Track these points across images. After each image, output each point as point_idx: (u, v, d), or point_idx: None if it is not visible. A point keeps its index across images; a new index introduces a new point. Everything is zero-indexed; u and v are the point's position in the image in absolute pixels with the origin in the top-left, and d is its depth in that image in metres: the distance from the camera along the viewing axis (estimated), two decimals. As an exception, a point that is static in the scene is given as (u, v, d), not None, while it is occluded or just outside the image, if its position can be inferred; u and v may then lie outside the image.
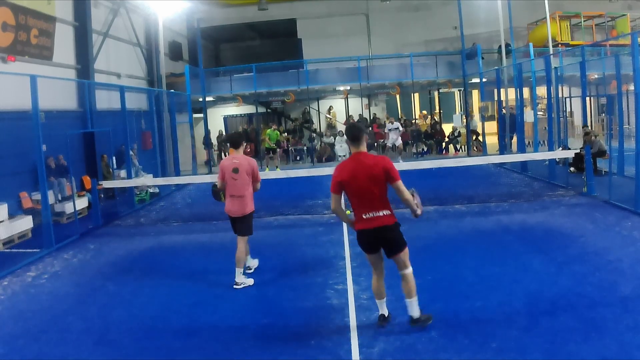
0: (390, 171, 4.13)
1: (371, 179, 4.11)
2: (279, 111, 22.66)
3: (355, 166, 4.16)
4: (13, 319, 5.28)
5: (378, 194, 4.14)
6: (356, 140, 4.23)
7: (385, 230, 4.18)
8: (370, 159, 4.19)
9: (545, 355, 3.76)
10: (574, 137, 17.09)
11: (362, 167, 4.13)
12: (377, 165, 4.13)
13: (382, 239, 4.22)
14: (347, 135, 4.30)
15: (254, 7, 21.71)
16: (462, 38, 19.17)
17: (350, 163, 4.22)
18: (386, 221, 4.17)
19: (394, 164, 4.35)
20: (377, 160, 4.19)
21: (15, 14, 10.54)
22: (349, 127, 4.41)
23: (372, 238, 4.21)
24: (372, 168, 4.12)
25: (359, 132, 4.26)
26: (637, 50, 7.86)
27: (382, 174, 4.12)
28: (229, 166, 5.80)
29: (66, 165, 10.86)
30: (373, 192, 4.12)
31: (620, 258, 5.79)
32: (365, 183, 4.12)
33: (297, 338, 4.37)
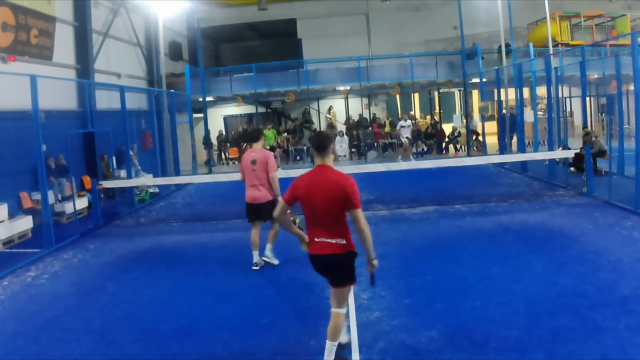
0: (350, 195, 3.51)
1: (328, 198, 3.55)
2: (279, 111, 22.67)
3: (314, 181, 3.62)
4: (13, 319, 5.28)
5: (334, 217, 3.60)
6: (321, 149, 3.65)
7: (334, 259, 3.65)
8: (334, 175, 3.60)
9: (545, 355, 3.76)
10: (574, 137, 17.09)
11: (321, 183, 3.58)
12: (337, 185, 3.54)
13: (330, 268, 3.73)
14: (312, 144, 3.75)
15: (254, 7, 21.71)
16: (462, 38, 19.17)
17: (310, 176, 3.68)
18: (337, 249, 3.64)
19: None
20: (339, 179, 3.57)
21: (15, 14, 10.54)
22: (314, 135, 3.84)
23: (320, 266, 3.74)
24: (331, 186, 3.54)
25: (325, 140, 3.68)
26: (637, 50, 7.85)
27: (340, 195, 3.53)
28: (247, 159, 6.36)
29: (66, 165, 10.87)
30: (329, 213, 3.58)
31: (620, 258, 5.79)
32: (321, 202, 3.57)
33: (296, 338, 4.37)
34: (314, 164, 3.78)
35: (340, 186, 3.54)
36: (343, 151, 19.29)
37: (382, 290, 5.33)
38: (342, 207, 3.56)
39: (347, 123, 20.99)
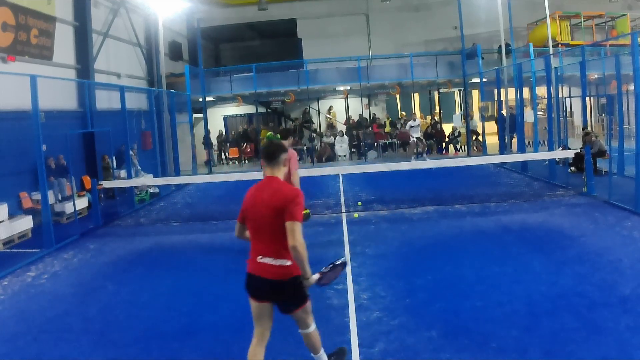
0: (289, 205, 3.15)
1: (271, 210, 3.20)
2: (279, 111, 22.67)
3: (259, 193, 3.31)
4: (13, 319, 5.28)
5: (276, 234, 3.20)
6: (270, 159, 3.35)
7: (277, 286, 3.26)
8: (281, 186, 3.28)
9: (545, 355, 3.76)
10: (574, 137, 17.10)
11: (265, 195, 3.26)
12: (281, 195, 3.21)
13: (271, 296, 3.32)
14: (262, 154, 3.49)
15: (254, 7, 21.72)
16: (462, 38, 19.17)
17: (256, 188, 3.38)
18: (280, 274, 3.23)
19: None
20: (284, 190, 3.25)
21: (15, 14, 10.54)
22: (265, 144, 3.59)
23: (259, 290, 3.31)
24: (274, 197, 3.21)
25: (275, 150, 3.37)
26: (637, 50, 7.86)
27: (282, 206, 3.16)
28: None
29: (66, 165, 10.87)
30: (272, 228, 3.21)
31: (620, 258, 5.79)
32: (264, 215, 3.23)
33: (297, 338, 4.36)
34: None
35: (284, 196, 3.20)
36: (343, 151, 19.30)
37: (382, 290, 5.34)
38: (283, 221, 3.17)
39: (347, 123, 20.99)
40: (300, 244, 3.11)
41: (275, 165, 3.36)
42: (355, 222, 8.66)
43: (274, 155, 3.36)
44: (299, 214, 3.19)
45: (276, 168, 3.36)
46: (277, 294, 3.29)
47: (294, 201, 3.19)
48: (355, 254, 6.75)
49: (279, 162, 3.36)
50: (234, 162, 20.63)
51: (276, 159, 3.35)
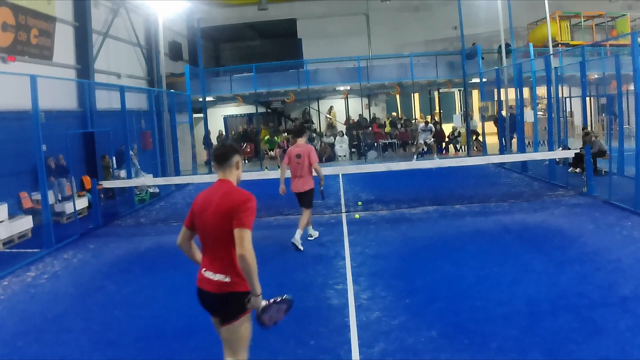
0: (238, 210, 2.85)
1: (217, 216, 2.91)
2: (279, 111, 22.68)
3: (208, 198, 3.03)
4: (13, 319, 5.28)
5: (222, 242, 2.91)
6: (221, 161, 3.07)
7: (217, 300, 2.95)
8: (231, 190, 2.99)
9: (545, 355, 3.76)
10: (574, 137, 17.09)
11: (214, 199, 2.97)
12: (229, 199, 2.91)
13: (212, 308, 3.04)
14: (212, 155, 3.17)
15: (254, 7, 21.72)
16: (462, 38, 19.17)
17: (206, 192, 3.11)
18: (217, 289, 2.92)
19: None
20: (233, 193, 2.95)
21: (15, 14, 10.54)
22: (216, 146, 3.27)
23: (204, 301, 3.03)
24: (222, 201, 2.93)
25: (227, 152, 3.10)
26: (637, 50, 7.85)
27: (230, 212, 2.86)
28: (293, 153, 7.16)
29: (66, 165, 10.87)
30: (216, 236, 2.93)
31: (620, 258, 5.79)
32: (210, 221, 2.95)
33: (297, 338, 4.37)
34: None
35: (232, 200, 2.90)
36: (343, 151, 19.30)
37: (382, 290, 5.34)
38: (230, 228, 2.86)
39: (347, 123, 21.00)
40: (249, 253, 2.80)
41: (227, 167, 3.09)
42: (355, 222, 8.67)
43: (226, 157, 3.09)
44: (249, 220, 2.88)
45: (228, 171, 3.10)
46: (218, 308, 2.99)
47: (244, 206, 2.88)
48: (355, 254, 6.75)
49: (231, 165, 3.10)
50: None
51: (227, 161, 3.09)
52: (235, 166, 3.12)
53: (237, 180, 3.15)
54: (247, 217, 2.88)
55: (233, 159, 3.10)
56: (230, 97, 20.02)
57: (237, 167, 3.14)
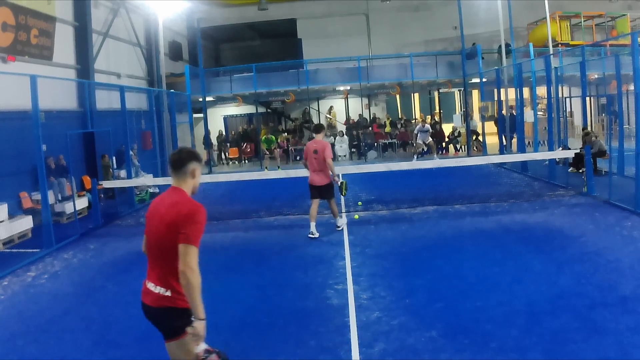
0: (184, 224, 2.64)
1: (162, 226, 2.74)
2: (279, 111, 22.68)
3: (157, 206, 2.87)
4: (13, 319, 5.28)
5: (164, 254, 2.72)
6: (176, 168, 2.86)
7: (155, 314, 2.80)
8: (180, 199, 2.79)
9: (545, 355, 3.76)
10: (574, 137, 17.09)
11: (161, 208, 2.80)
12: (175, 210, 2.72)
13: (152, 322, 2.87)
14: (168, 160, 2.97)
15: (254, 7, 21.72)
16: (462, 38, 19.18)
17: (157, 199, 2.95)
18: (156, 302, 2.76)
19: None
20: (180, 203, 2.75)
21: (15, 14, 10.54)
22: (173, 152, 3.00)
23: (146, 315, 2.90)
24: (168, 211, 2.74)
25: (183, 157, 2.87)
26: (637, 50, 7.85)
27: (174, 224, 2.67)
28: (310, 149, 7.60)
29: (66, 165, 10.86)
30: (159, 247, 2.76)
31: (620, 258, 5.79)
32: (155, 230, 2.80)
33: (297, 338, 4.37)
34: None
35: (179, 211, 2.69)
36: (343, 151, 19.29)
37: (382, 290, 5.34)
38: (174, 241, 2.66)
39: (347, 123, 20.99)
40: (191, 271, 2.57)
41: (181, 175, 2.86)
42: (355, 222, 8.66)
43: (181, 163, 2.86)
44: (196, 236, 2.65)
45: (182, 179, 2.86)
46: (157, 323, 2.82)
47: (191, 219, 2.66)
48: (355, 254, 6.75)
49: (186, 172, 2.86)
50: (233, 162, 20.64)
51: (182, 168, 2.85)
52: (191, 174, 2.88)
53: (192, 190, 2.92)
54: (193, 232, 2.65)
55: (189, 166, 2.86)
56: (230, 97, 20.03)
57: (193, 176, 2.89)
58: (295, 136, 20.97)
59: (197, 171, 2.92)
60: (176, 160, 2.87)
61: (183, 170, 2.86)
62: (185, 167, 2.86)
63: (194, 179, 2.91)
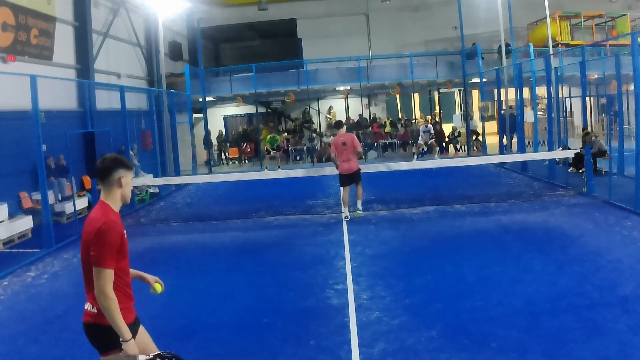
0: (93, 242, 2.49)
1: (83, 244, 2.61)
2: (279, 111, 22.68)
3: (86, 222, 2.66)
4: (13, 319, 5.28)
5: (88, 272, 2.60)
6: (101, 177, 2.66)
7: (85, 331, 2.69)
8: (96, 214, 2.60)
9: (545, 355, 3.76)
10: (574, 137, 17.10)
11: (86, 225, 2.63)
12: (89, 227, 2.57)
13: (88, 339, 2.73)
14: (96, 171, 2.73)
15: (254, 7, 21.72)
16: (462, 38, 19.17)
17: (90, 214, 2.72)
18: (87, 318, 2.68)
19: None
20: (93, 219, 2.57)
21: (15, 14, 10.53)
22: (98, 162, 2.72)
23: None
24: (85, 227, 2.61)
25: (105, 166, 2.65)
26: (637, 50, 7.85)
27: (86, 241, 2.56)
28: (339, 142, 8.69)
29: (66, 165, 10.87)
30: (84, 265, 2.64)
31: (620, 258, 5.79)
32: (82, 249, 2.64)
33: (296, 338, 4.37)
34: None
35: (90, 230, 2.54)
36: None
37: (382, 290, 5.34)
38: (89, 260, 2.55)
39: (347, 123, 20.98)
40: (104, 296, 2.45)
41: (107, 185, 2.64)
42: (355, 222, 8.67)
43: (105, 172, 2.63)
44: (104, 256, 2.47)
45: (108, 189, 2.64)
46: (88, 340, 2.69)
47: (100, 238, 2.47)
48: (355, 254, 6.75)
49: (112, 182, 2.63)
50: (233, 162, 20.64)
51: (107, 178, 2.64)
52: (117, 183, 2.64)
53: (122, 200, 2.70)
54: (102, 252, 2.46)
55: (114, 175, 2.63)
56: (230, 97, 20.03)
57: (120, 185, 2.65)
58: (295, 136, 20.97)
59: (124, 179, 2.67)
60: (99, 170, 2.65)
61: (108, 180, 2.64)
62: (110, 177, 2.63)
63: (121, 187, 2.67)
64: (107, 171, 2.63)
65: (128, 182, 2.72)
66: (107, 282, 2.49)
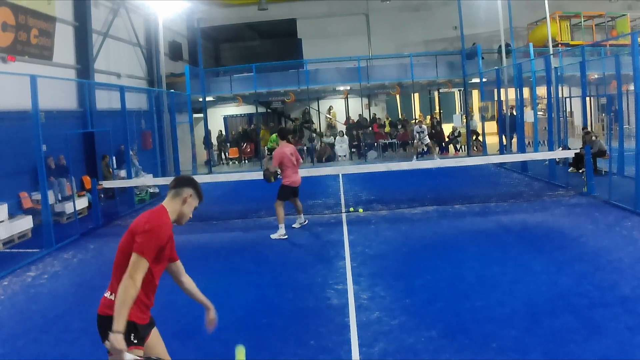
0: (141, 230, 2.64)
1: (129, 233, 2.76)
2: (279, 111, 22.67)
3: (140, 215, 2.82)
4: (13, 319, 5.28)
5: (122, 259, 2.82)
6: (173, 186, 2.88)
7: (101, 322, 2.79)
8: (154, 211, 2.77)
9: (545, 355, 3.76)
10: (574, 137, 17.10)
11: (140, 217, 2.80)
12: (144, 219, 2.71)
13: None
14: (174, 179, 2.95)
15: (254, 7, 21.71)
16: (462, 38, 19.17)
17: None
18: (105, 310, 2.83)
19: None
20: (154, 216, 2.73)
21: (15, 14, 10.53)
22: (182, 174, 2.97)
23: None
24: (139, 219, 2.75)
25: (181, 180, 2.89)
26: (637, 50, 7.85)
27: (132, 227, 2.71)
28: (287, 153, 7.99)
29: (66, 165, 10.87)
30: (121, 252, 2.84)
31: (620, 258, 5.79)
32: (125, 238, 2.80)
33: (297, 338, 4.37)
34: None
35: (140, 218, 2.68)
36: (343, 151, 19.29)
37: (382, 290, 5.34)
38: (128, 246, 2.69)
39: (347, 123, 20.99)
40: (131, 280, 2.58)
41: (175, 195, 2.83)
42: (355, 222, 8.67)
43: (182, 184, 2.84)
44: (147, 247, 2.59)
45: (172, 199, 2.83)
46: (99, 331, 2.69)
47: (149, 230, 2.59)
48: (355, 254, 6.75)
49: (180, 194, 2.84)
50: (233, 162, 20.63)
51: (179, 189, 2.84)
52: (183, 199, 2.81)
53: (178, 215, 2.84)
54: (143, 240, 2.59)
55: (185, 190, 2.82)
56: (230, 97, 20.02)
57: (184, 202, 2.82)
58: (295, 136, 20.96)
59: (190, 199, 2.84)
60: (179, 180, 2.86)
61: (178, 191, 2.81)
62: (182, 190, 2.81)
63: (184, 205, 2.81)
64: (183, 184, 2.81)
65: (192, 205, 2.86)
66: (140, 270, 2.57)
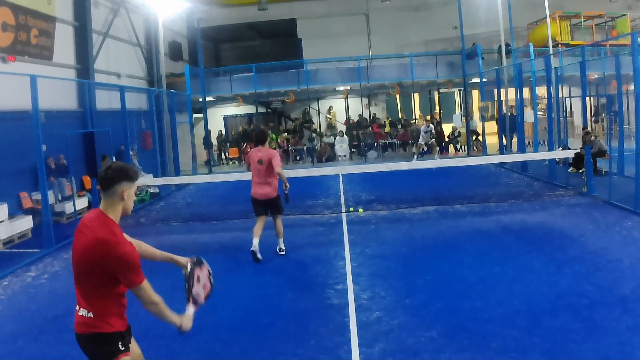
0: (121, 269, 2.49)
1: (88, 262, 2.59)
2: (279, 111, 22.68)
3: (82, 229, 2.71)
4: (13, 319, 5.28)
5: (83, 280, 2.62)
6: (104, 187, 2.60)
7: (81, 340, 2.75)
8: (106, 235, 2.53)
9: (545, 355, 3.76)
10: (574, 137, 17.10)
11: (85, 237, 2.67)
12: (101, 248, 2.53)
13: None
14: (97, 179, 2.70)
15: (254, 7, 21.72)
16: (462, 38, 19.17)
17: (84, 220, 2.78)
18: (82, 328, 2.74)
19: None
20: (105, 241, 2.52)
21: (15, 14, 10.53)
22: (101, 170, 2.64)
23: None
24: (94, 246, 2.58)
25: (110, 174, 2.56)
26: (637, 50, 7.85)
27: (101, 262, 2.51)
28: (255, 158, 6.67)
29: (66, 165, 10.87)
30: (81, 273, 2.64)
31: (620, 258, 5.79)
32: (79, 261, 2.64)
33: (296, 338, 4.37)
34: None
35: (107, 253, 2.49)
36: (343, 151, 19.29)
37: (382, 290, 5.34)
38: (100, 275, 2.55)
39: (347, 123, 21.00)
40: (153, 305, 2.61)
41: (109, 196, 2.54)
42: (355, 222, 8.67)
43: (110, 182, 2.52)
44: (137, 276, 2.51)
45: (109, 201, 2.55)
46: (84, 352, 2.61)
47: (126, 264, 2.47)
48: (355, 254, 6.75)
49: (114, 194, 2.53)
50: (233, 162, 20.63)
51: (110, 188, 2.53)
52: (120, 196, 2.53)
53: (122, 212, 2.61)
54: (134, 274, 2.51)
55: (117, 187, 2.52)
56: (230, 97, 20.02)
57: (123, 198, 2.55)
58: (295, 136, 20.97)
59: (127, 192, 2.56)
60: (103, 180, 2.52)
61: (111, 191, 2.53)
62: (113, 188, 2.52)
63: (123, 200, 2.56)
64: (111, 182, 2.52)
65: (131, 195, 2.62)
66: (150, 292, 2.56)
